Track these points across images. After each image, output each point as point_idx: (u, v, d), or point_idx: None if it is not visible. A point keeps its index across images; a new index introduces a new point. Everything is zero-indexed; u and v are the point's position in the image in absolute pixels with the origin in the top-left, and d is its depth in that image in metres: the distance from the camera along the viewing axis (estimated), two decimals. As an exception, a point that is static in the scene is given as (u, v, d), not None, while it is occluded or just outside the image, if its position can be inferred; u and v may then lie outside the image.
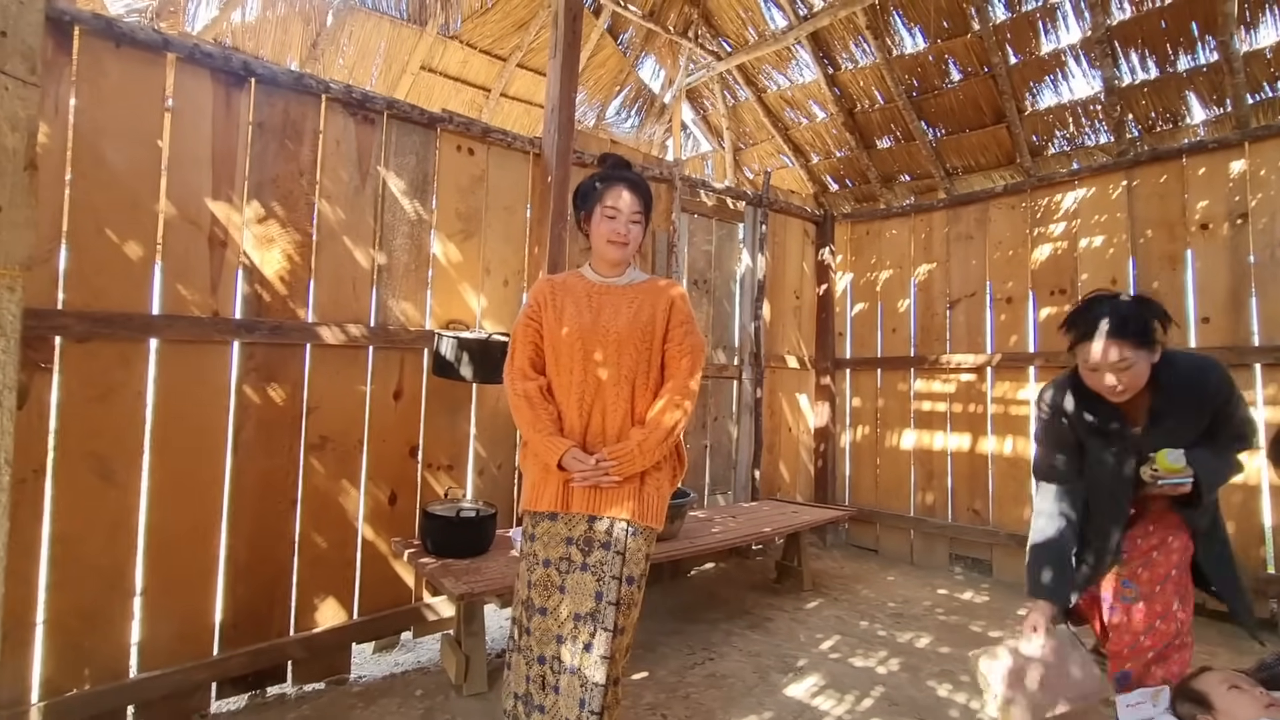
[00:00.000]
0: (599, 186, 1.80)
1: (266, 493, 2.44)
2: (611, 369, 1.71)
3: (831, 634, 3.02)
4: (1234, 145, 3.35)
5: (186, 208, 2.31)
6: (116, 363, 2.15)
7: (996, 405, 4.06)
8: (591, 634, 1.59)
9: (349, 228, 2.67)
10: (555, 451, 1.66)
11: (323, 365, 2.58)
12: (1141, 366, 1.71)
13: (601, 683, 1.56)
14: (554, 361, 1.77)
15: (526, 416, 1.73)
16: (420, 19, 4.34)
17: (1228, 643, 2.96)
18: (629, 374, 1.71)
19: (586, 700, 1.56)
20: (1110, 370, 1.72)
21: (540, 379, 1.78)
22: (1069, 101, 3.94)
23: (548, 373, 1.80)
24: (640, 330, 1.73)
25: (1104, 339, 1.70)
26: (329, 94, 2.61)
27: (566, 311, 1.76)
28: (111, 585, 2.13)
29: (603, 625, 1.58)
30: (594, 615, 1.60)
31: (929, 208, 4.52)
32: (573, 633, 1.61)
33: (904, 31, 4.28)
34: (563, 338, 1.74)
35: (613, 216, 1.76)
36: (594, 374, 1.72)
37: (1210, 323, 3.34)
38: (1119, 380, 1.72)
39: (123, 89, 2.18)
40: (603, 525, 1.66)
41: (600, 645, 1.57)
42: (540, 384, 1.77)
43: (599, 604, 1.60)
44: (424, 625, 2.83)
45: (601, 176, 1.83)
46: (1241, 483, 3.18)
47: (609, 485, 1.65)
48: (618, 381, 1.71)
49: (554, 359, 1.77)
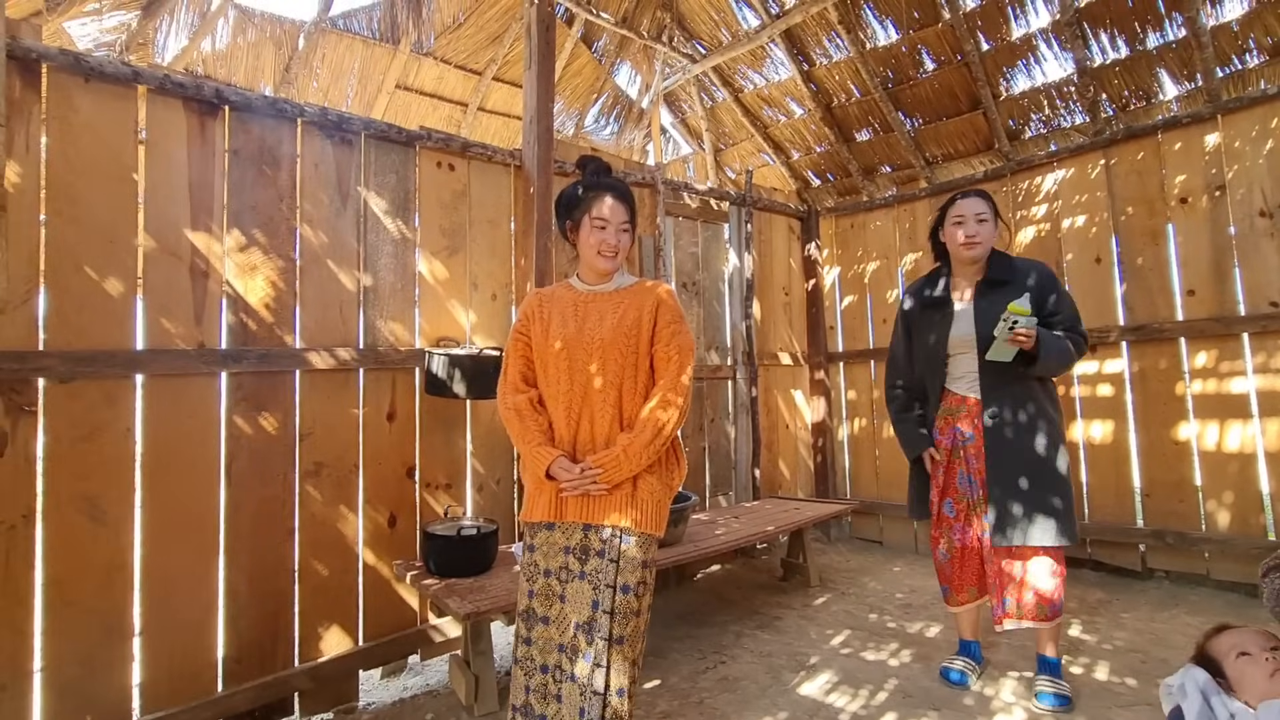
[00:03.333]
0: (583, 195, 1.79)
1: (263, 523, 2.41)
2: (597, 375, 1.70)
3: (841, 629, 3.01)
4: (1207, 119, 3.38)
5: (166, 240, 2.28)
6: (102, 401, 2.11)
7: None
8: (590, 643, 1.58)
9: (332, 250, 2.65)
10: (543, 462, 1.66)
11: (313, 391, 2.55)
12: (990, 229, 2.31)
13: (600, 691, 1.55)
14: (543, 373, 1.78)
15: (516, 429, 1.74)
16: (393, 38, 4.32)
17: (1234, 612, 2.97)
18: (615, 379, 1.70)
19: (586, 709, 1.55)
20: (973, 219, 2.29)
21: (531, 391, 1.79)
22: (1043, 84, 3.97)
23: (538, 384, 1.80)
24: (625, 334, 1.71)
25: (973, 196, 2.36)
26: (304, 117, 2.59)
27: (553, 323, 1.76)
28: (109, 628, 2.09)
29: (599, 634, 1.57)
30: (591, 623, 1.59)
31: (911, 197, 4.54)
32: (574, 642, 1.61)
33: (876, 24, 4.30)
34: (550, 348, 1.74)
35: (602, 227, 1.75)
36: (580, 382, 1.71)
37: (1195, 295, 3.37)
38: (977, 231, 2.29)
39: (94, 124, 2.15)
40: (597, 533, 1.65)
41: (599, 655, 1.56)
42: (530, 396, 1.77)
43: (595, 613, 1.59)
44: (431, 647, 2.79)
45: (585, 185, 1.81)
46: (1237, 451, 3.20)
47: (598, 493, 1.64)
48: (604, 388, 1.70)
49: (543, 370, 1.78)
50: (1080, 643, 2.74)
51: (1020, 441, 2.26)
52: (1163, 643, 2.70)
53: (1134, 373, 3.54)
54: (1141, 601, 3.20)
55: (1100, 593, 3.35)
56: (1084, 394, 3.70)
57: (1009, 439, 2.26)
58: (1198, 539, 3.29)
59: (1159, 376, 3.46)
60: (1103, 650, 2.66)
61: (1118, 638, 2.78)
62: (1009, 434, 2.26)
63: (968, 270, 2.40)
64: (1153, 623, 2.93)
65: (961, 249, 2.34)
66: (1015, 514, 2.22)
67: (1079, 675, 2.45)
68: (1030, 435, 2.26)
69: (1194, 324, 3.34)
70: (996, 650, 2.69)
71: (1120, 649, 2.66)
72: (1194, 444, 3.34)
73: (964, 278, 2.42)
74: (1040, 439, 2.25)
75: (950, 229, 2.37)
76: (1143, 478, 3.52)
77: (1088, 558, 3.67)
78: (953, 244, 2.38)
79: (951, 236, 2.37)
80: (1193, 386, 3.36)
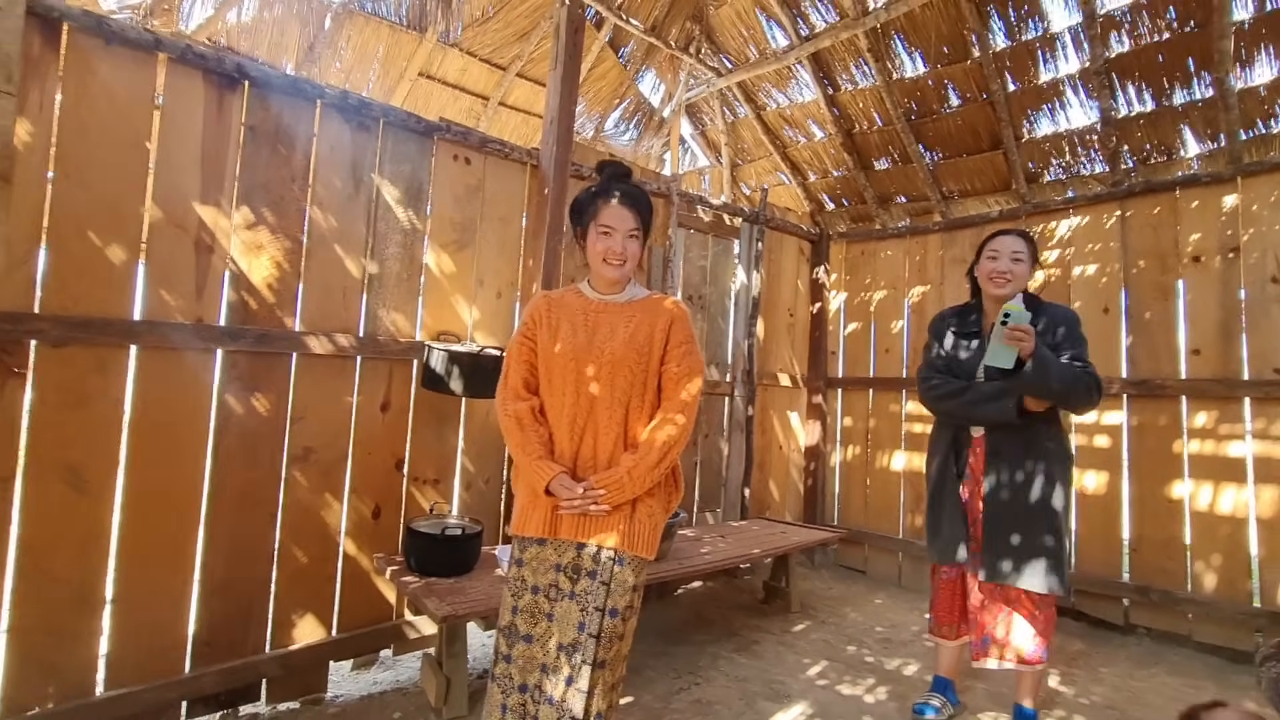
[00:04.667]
0: (593, 200, 1.73)
1: (246, 505, 2.38)
2: (605, 390, 1.65)
3: (819, 659, 2.98)
4: (1227, 180, 3.37)
5: (173, 211, 2.25)
6: (94, 369, 2.08)
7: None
8: (571, 665, 1.54)
9: (340, 236, 2.62)
10: (543, 476, 1.61)
11: (308, 375, 2.52)
12: (1024, 269, 2.30)
13: (579, 717, 1.51)
14: (547, 382, 1.72)
15: (516, 439, 1.68)
16: (420, 25, 4.30)
17: (1214, 676, 2.96)
18: (623, 396, 1.65)
19: None
20: (1008, 256, 2.29)
21: (533, 400, 1.72)
22: (1066, 130, 3.97)
23: (541, 393, 1.74)
24: (637, 350, 1.66)
25: (1013, 235, 2.36)
26: (324, 99, 2.57)
27: (561, 330, 1.70)
28: (81, 599, 2.05)
29: (584, 658, 1.53)
30: (575, 646, 1.55)
31: (924, 230, 4.52)
32: (555, 664, 1.56)
33: (904, 55, 4.30)
34: (556, 357, 1.68)
35: (608, 233, 1.68)
36: (586, 396, 1.65)
37: (1200, 355, 3.35)
38: (1011, 269, 2.28)
39: (111, 88, 2.12)
40: (590, 552, 1.61)
41: (580, 678, 1.53)
42: (532, 405, 1.71)
43: (580, 635, 1.55)
44: (405, 643, 2.76)
45: (596, 189, 1.75)
46: (1229, 514, 3.19)
47: (597, 513, 1.60)
48: (611, 404, 1.65)
49: (547, 379, 1.71)
50: (1057, 694, 2.72)
51: (1019, 496, 2.23)
52: (1139, 701, 2.68)
53: (1132, 426, 3.53)
54: (1121, 656, 3.18)
55: (1080, 643, 3.33)
56: (1080, 443, 3.69)
57: (1004, 498, 2.24)
58: (1182, 598, 3.27)
59: (1157, 433, 3.45)
60: (1079, 704, 2.64)
61: (1095, 692, 2.75)
62: (1004, 494, 2.24)
63: (997, 308, 2.32)
64: (1131, 680, 2.91)
65: (991, 284, 2.32)
66: (1006, 555, 2.20)
67: (1054, 729, 2.43)
68: (1029, 490, 2.22)
69: (1197, 383, 3.33)
70: (972, 695, 2.66)
71: (1097, 704, 2.64)
72: (1187, 503, 3.32)
73: (992, 315, 2.37)
74: (1039, 493, 2.22)
75: (984, 263, 2.36)
76: (1132, 532, 3.50)
77: (1070, 607, 3.64)
78: (984, 279, 2.36)
79: (984, 271, 2.35)
80: (1190, 446, 3.35)
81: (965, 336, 2.41)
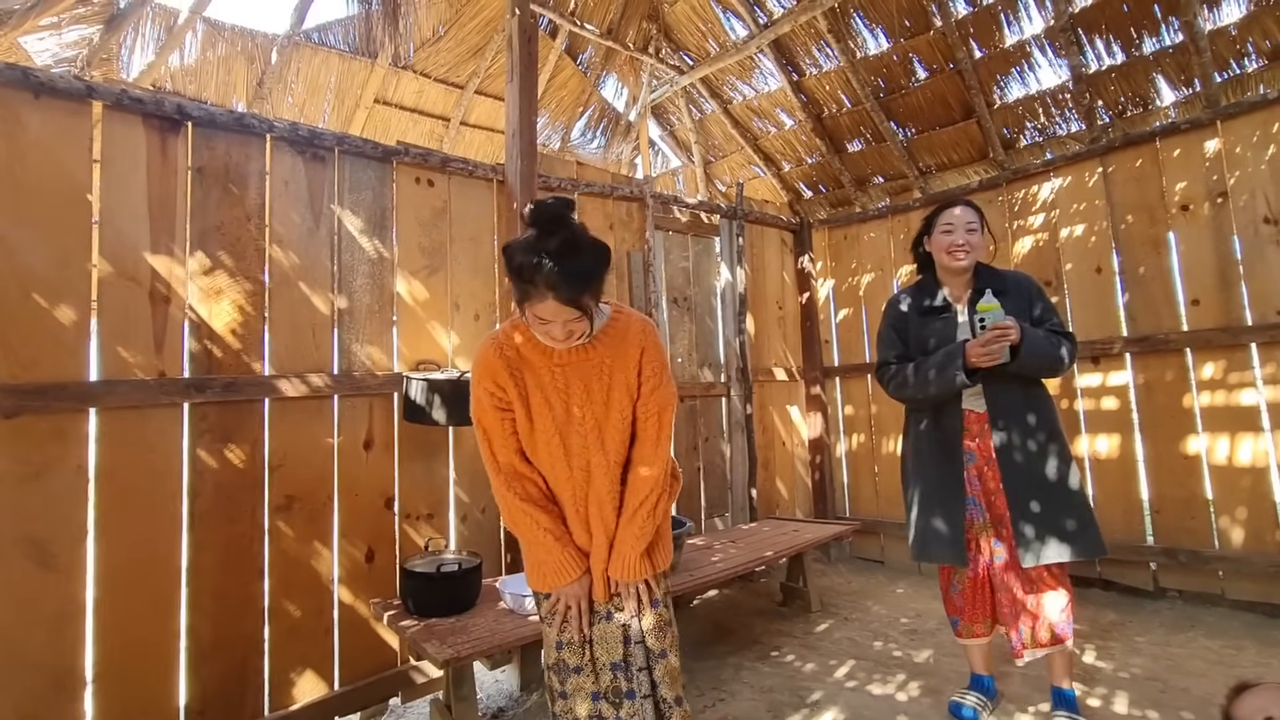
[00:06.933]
0: (522, 281, 1.34)
1: (230, 563, 2.26)
2: (597, 457, 1.54)
3: (845, 659, 2.87)
4: (1206, 125, 3.30)
5: (123, 264, 2.15)
6: (51, 437, 1.97)
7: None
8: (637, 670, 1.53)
9: (304, 272, 2.52)
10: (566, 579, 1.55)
11: (284, 420, 2.41)
12: (979, 239, 2.23)
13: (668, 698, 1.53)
14: (532, 454, 1.58)
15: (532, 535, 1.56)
16: (369, 51, 4.21)
17: (1252, 633, 2.86)
18: (616, 458, 1.56)
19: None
20: (963, 228, 2.22)
21: (536, 477, 1.58)
22: (1037, 92, 3.90)
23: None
24: (620, 413, 1.54)
25: (962, 206, 2.29)
26: (273, 133, 2.47)
27: (533, 400, 1.52)
28: (58, 683, 1.93)
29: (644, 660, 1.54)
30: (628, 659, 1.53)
31: (905, 208, 4.45)
32: (614, 684, 1.53)
33: (866, 33, 4.24)
34: (538, 434, 1.54)
35: (545, 322, 1.38)
36: (580, 466, 1.54)
37: (1200, 305, 3.27)
38: (968, 239, 2.21)
39: (44, 141, 2.03)
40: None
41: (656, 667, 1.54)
42: (541, 487, 1.58)
43: (629, 647, 1.53)
44: (413, 689, 2.63)
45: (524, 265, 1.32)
46: (1249, 465, 3.10)
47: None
48: (606, 468, 1.54)
49: (531, 452, 1.58)
50: (1095, 670, 2.61)
51: (1033, 459, 2.14)
52: (1181, 669, 2.58)
53: (1139, 385, 3.44)
54: (1155, 623, 3.08)
55: (1112, 614, 3.22)
56: (1088, 407, 3.60)
57: (1020, 460, 2.14)
58: (1211, 557, 3.18)
59: (1165, 389, 3.36)
60: (1119, 679, 2.53)
61: (1134, 664, 2.65)
62: (1019, 456, 2.14)
63: (956, 281, 2.30)
64: (1169, 647, 2.80)
65: (950, 257, 2.23)
66: (1038, 531, 2.09)
67: (1097, 708, 2.32)
68: (1043, 449, 2.14)
69: (1200, 334, 3.24)
70: (1010, 682, 2.55)
71: (1138, 677, 2.53)
72: (1204, 458, 3.23)
73: (953, 289, 2.31)
74: (1053, 454, 2.14)
75: (938, 237, 2.27)
76: (1151, 493, 3.40)
77: (1097, 576, 3.54)
78: (940, 253, 2.27)
79: (939, 245, 2.27)
80: (1200, 398, 3.26)
81: (929, 314, 2.32)
